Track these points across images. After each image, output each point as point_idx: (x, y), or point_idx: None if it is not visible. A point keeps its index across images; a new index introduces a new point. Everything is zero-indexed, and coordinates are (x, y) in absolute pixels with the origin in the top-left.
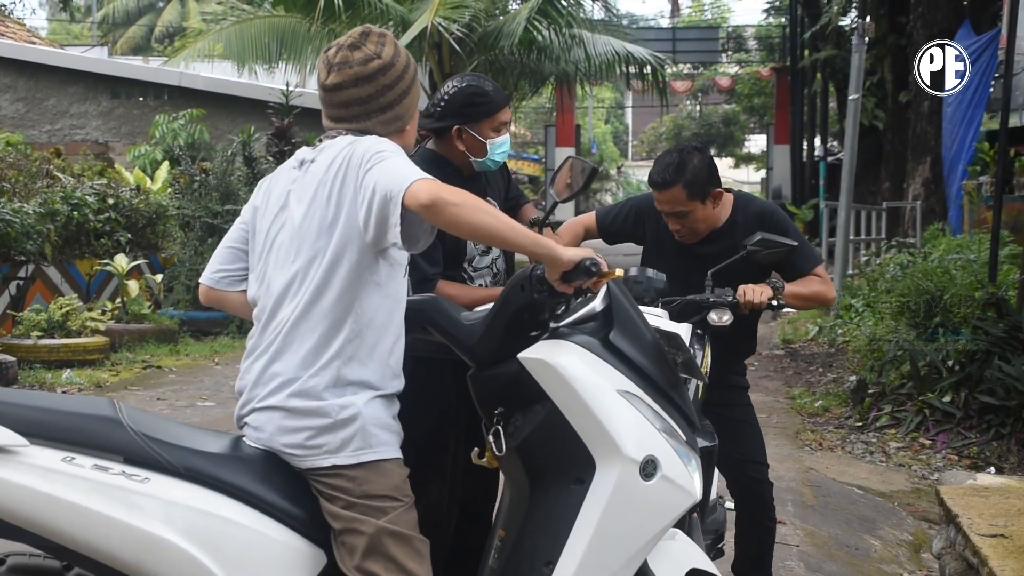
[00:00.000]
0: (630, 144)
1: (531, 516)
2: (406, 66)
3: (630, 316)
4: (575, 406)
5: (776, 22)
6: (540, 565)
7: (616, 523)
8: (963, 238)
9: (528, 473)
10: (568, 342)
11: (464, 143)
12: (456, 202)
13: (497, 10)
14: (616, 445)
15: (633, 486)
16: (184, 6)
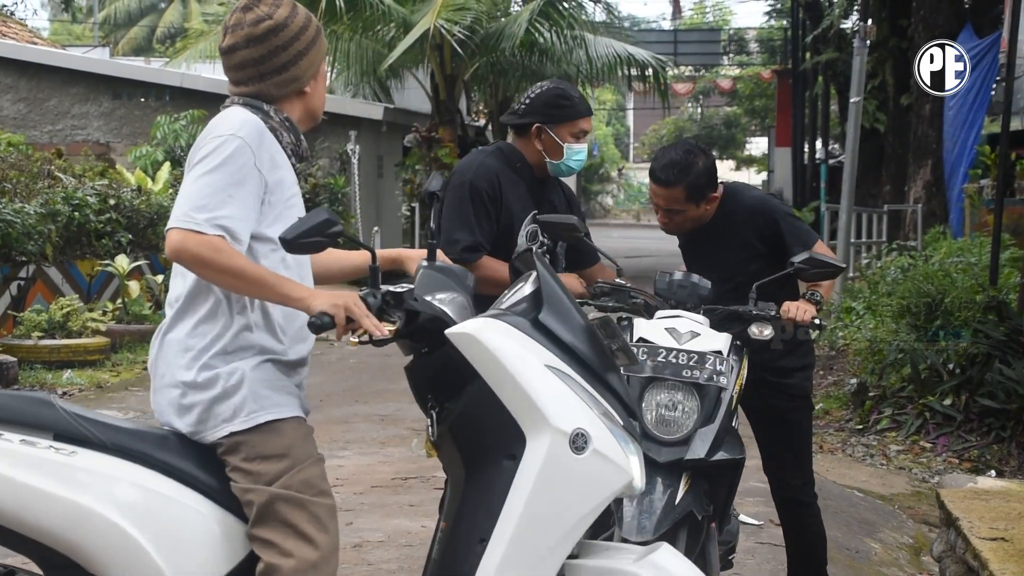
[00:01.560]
0: (631, 146)
1: (466, 497)
2: (303, 27)
3: (560, 298)
4: (502, 379)
5: (778, 25)
6: (474, 543)
7: (547, 498)
8: (964, 241)
9: (462, 455)
10: (496, 319)
11: (543, 143)
12: (203, 257)
13: (499, 12)
14: (544, 417)
15: (563, 459)
16: (186, 7)
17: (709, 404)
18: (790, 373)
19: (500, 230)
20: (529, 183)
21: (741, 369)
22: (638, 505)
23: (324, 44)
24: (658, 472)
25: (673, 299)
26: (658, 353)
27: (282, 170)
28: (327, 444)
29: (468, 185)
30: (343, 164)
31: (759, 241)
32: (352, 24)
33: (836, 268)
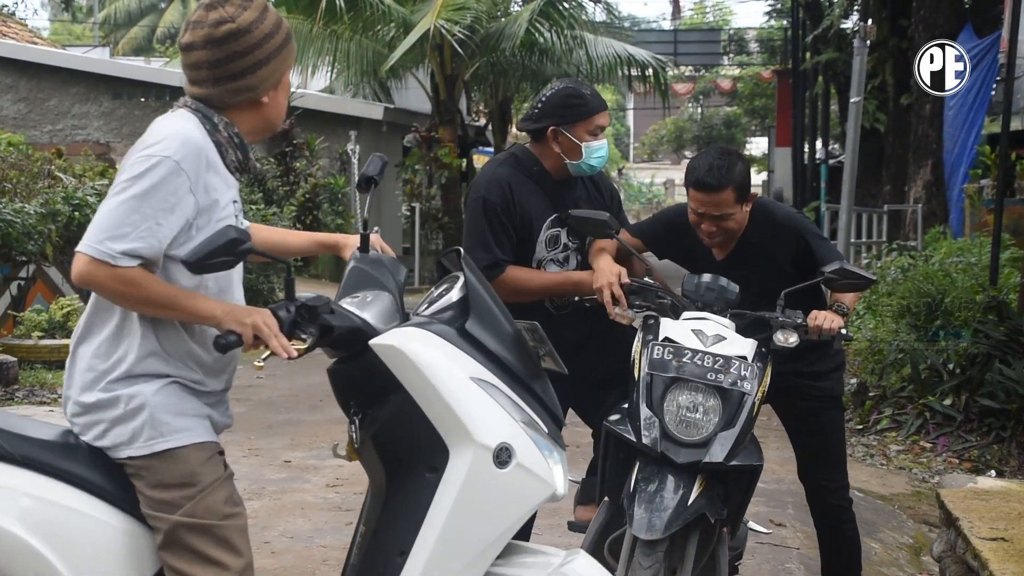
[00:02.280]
0: (631, 146)
1: (387, 507)
2: (268, 34)
3: (487, 306)
4: (426, 392)
5: (778, 25)
6: (394, 555)
7: (469, 511)
8: (964, 241)
9: (384, 463)
10: (421, 329)
11: (560, 145)
12: (111, 289)
13: (499, 12)
14: (467, 431)
15: (486, 473)
16: (186, 7)
17: (731, 408)
18: (823, 376)
19: (519, 238)
20: (547, 187)
21: (765, 376)
22: (649, 503)
23: (291, 54)
24: (673, 472)
25: (700, 301)
26: (683, 354)
27: (217, 192)
28: (327, 444)
29: (481, 201)
30: (343, 164)
31: (788, 259)
32: (352, 24)
33: (866, 280)
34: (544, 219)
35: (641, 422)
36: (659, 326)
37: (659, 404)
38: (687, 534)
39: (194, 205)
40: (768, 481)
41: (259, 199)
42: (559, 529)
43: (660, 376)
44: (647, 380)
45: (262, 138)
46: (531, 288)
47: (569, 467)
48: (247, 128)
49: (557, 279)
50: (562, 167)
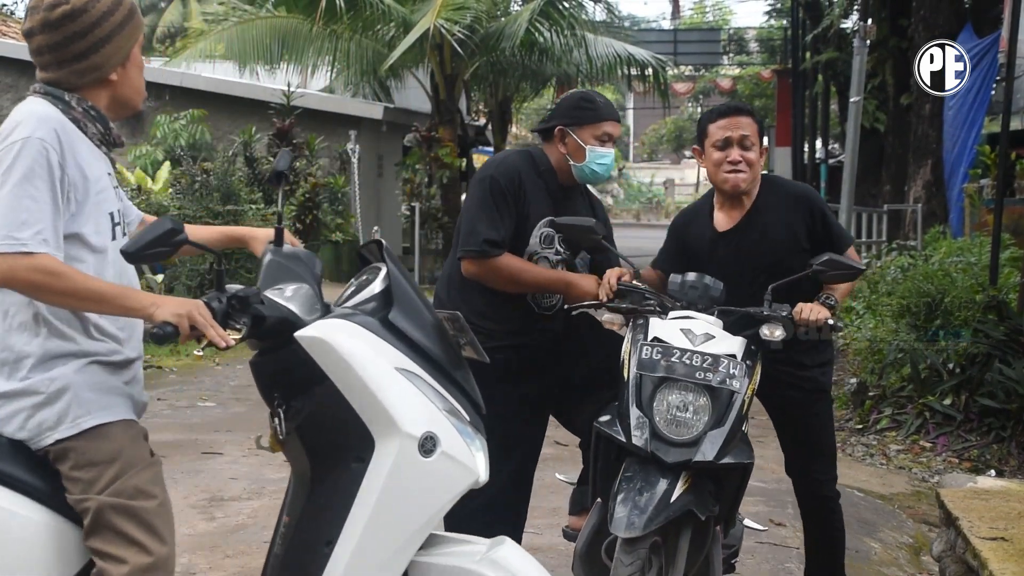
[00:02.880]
0: (631, 146)
1: (313, 498)
2: (106, 12)
3: (409, 297)
4: (351, 383)
5: (777, 24)
6: (320, 546)
7: (395, 500)
8: (964, 241)
9: (309, 454)
10: (346, 321)
11: (566, 146)
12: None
13: (499, 12)
14: (393, 421)
15: (412, 462)
16: (186, 6)
17: (720, 407)
18: (808, 368)
19: (516, 227)
20: (552, 188)
21: (754, 373)
22: (631, 502)
23: (137, 28)
24: (658, 470)
25: (684, 300)
26: (672, 354)
27: (90, 165)
28: None
29: (489, 180)
30: (343, 164)
31: (805, 232)
32: (352, 24)
33: (855, 270)
34: (541, 216)
35: (631, 422)
36: (648, 326)
37: (649, 404)
38: (678, 533)
39: (66, 180)
40: (768, 480)
41: (259, 199)
42: (558, 529)
43: (649, 376)
44: (636, 380)
45: (123, 116)
46: (524, 280)
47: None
48: (103, 107)
49: (551, 276)
50: (567, 172)
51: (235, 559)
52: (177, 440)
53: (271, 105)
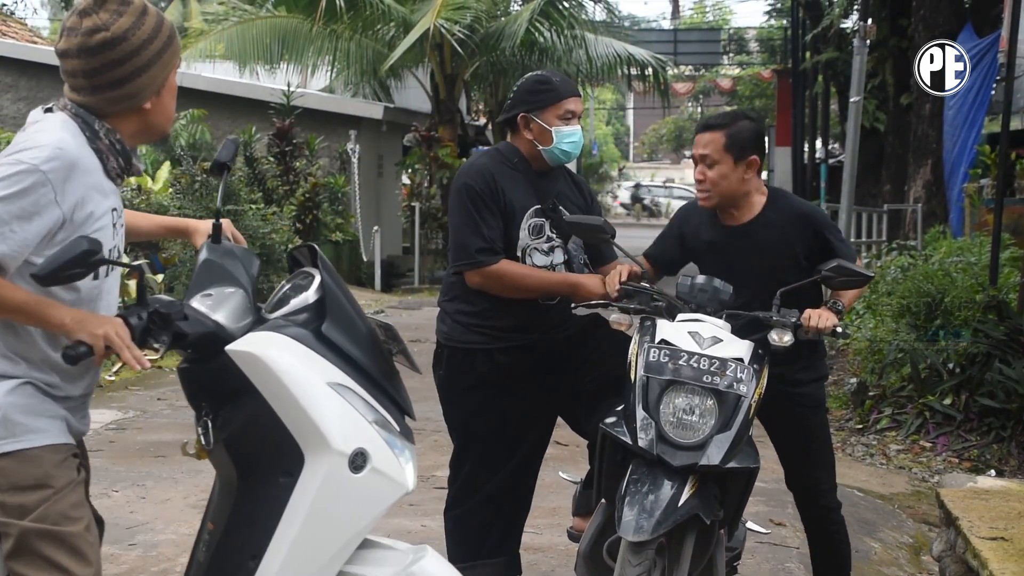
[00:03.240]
0: (631, 145)
1: (239, 509)
2: (147, 40)
3: (343, 307)
4: (283, 399)
5: (777, 24)
6: (246, 559)
7: (324, 516)
8: (964, 241)
9: (236, 466)
10: (278, 334)
11: (532, 132)
12: None
13: (499, 11)
14: (324, 438)
15: (342, 479)
16: (186, 6)
17: (727, 411)
18: (805, 383)
19: (504, 226)
20: (529, 177)
21: (761, 378)
22: (639, 505)
23: (175, 55)
24: (666, 474)
25: (694, 302)
26: (680, 357)
27: (92, 203)
28: None
29: (464, 188)
30: (343, 163)
31: (804, 250)
32: (352, 23)
33: (864, 277)
34: (527, 207)
35: (637, 424)
36: (655, 328)
37: (655, 406)
38: (683, 536)
39: (58, 217)
40: (768, 481)
41: (259, 199)
42: (559, 529)
43: (656, 378)
44: (643, 382)
45: (148, 141)
46: (528, 285)
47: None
48: (130, 132)
49: (554, 279)
50: (539, 158)
51: None
52: (177, 440)
53: (271, 105)
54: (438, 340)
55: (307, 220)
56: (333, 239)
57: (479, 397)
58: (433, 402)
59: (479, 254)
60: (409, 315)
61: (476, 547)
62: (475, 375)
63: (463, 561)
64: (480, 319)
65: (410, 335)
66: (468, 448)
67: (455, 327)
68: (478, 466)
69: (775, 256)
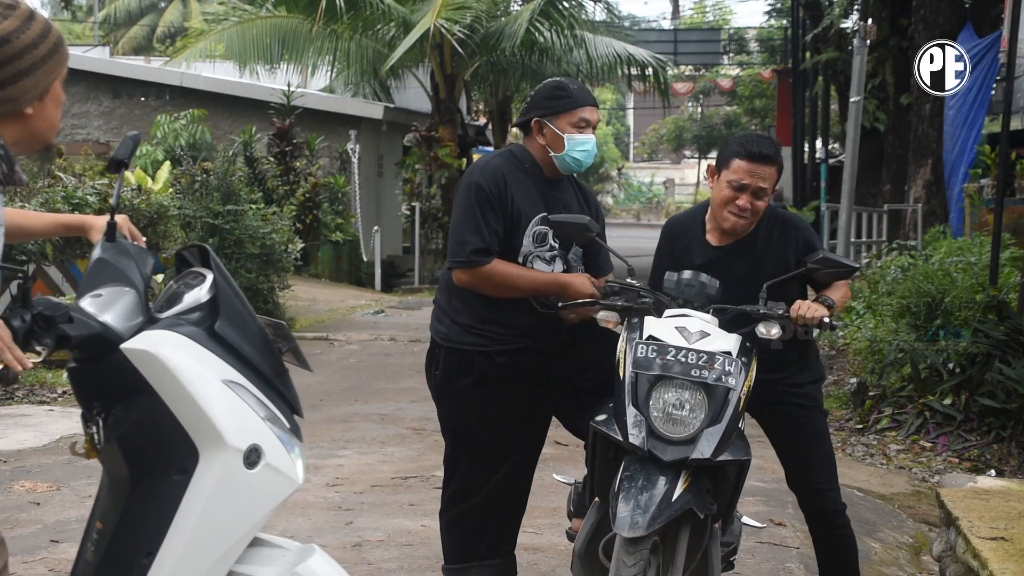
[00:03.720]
0: (631, 145)
1: (132, 507)
2: (31, 44)
3: (235, 306)
4: (179, 396)
5: (778, 24)
6: (140, 557)
7: (219, 512)
8: (964, 241)
9: (129, 464)
10: (173, 332)
11: (544, 137)
12: None
13: (499, 11)
14: (220, 434)
15: (236, 475)
16: (186, 6)
17: (716, 404)
18: (802, 385)
19: (507, 229)
20: (539, 184)
21: (750, 370)
22: (633, 501)
23: (61, 63)
24: (658, 469)
25: (681, 298)
26: (667, 352)
27: None
28: (327, 444)
29: (474, 186)
30: (343, 163)
31: (794, 256)
32: (352, 23)
33: (849, 268)
34: (533, 215)
35: (628, 421)
36: (643, 324)
37: (645, 402)
38: (677, 531)
39: None
40: (768, 480)
41: (259, 199)
42: (559, 529)
43: (645, 374)
44: (632, 379)
45: (31, 150)
46: (517, 285)
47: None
48: (12, 139)
49: (544, 279)
50: (551, 164)
51: None
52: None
53: (271, 105)
54: (433, 339)
55: (307, 220)
56: (333, 239)
57: (475, 398)
58: (433, 402)
59: (473, 254)
60: (409, 315)
61: (471, 548)
62: (473, 376)
63: (458, 562)
64: (479, 321)
65: (410, 335)
66: (463, 449)
67: (453, 328)
68: (473, 467)
69: (771, 268)
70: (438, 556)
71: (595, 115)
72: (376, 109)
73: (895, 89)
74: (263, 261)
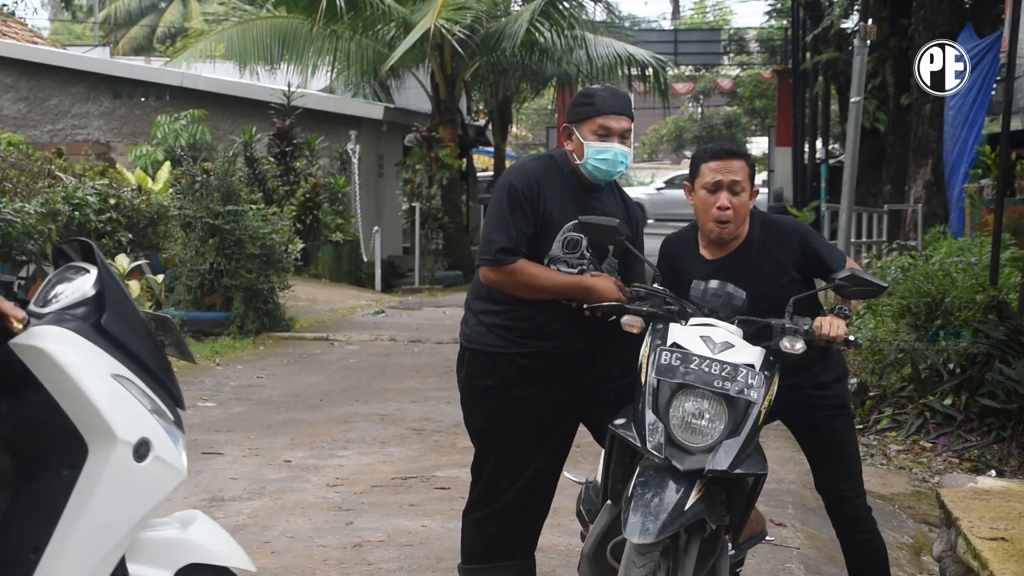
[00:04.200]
0: (631, 145)
1: (17, 503)
2: None
3: (121, 301)
4: (69, 392)
5: (778, 24)
6: (27, 553)
7: (109, 505)
8: (964, 241)
9: (15, 459)
10: (61, 328)
11: (572, 143)
12: None
13: (499, 12)
14: (110, 429)
15: (127, 468)
16: (186, 6)
17: (737, 417)
18: (829, 385)
19: (537, 233)
20: (575, 190)
21: (772, 385)
22: (645, 507)
23: None
24: (673, 477)
25: (707, 307)
26: (691, 360)
27: None
28: (327, 444)
29: (508, 186)
30: (343, 163)
31: (795, 265)
32: (352, 24)
33: (877, 287)
34: (565, 219)
35: (646, 427)
36: (667, 331)
37: (665, 410)
38: (688, 540)
39: None
40: (768, 481)
41: (259, 199)
42: (559, 529)
43: (667, 382)
44: (654, 385)
45: None
46: (542, 285)
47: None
48: None
49: (568, 281)
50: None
51: None
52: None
53: (271, 105)
54: (461, 342)
55: (307, 220)
56: (333, 239)
57: (498, 401)
58: (433, 403)
59: (499, 252)
60: (409, 315)
61: (492, 550)
62: (494, 378)
63: (477, 563)
64: (503, 320)
65: (410, 335)
66: (488, 451)
67: (477, 328)
68: (498, 471)
69: (769, 277)
70: (438, 556)
71: (620, 123)
72: (376, 109)
73: (895, 89)
74: (263, 261)
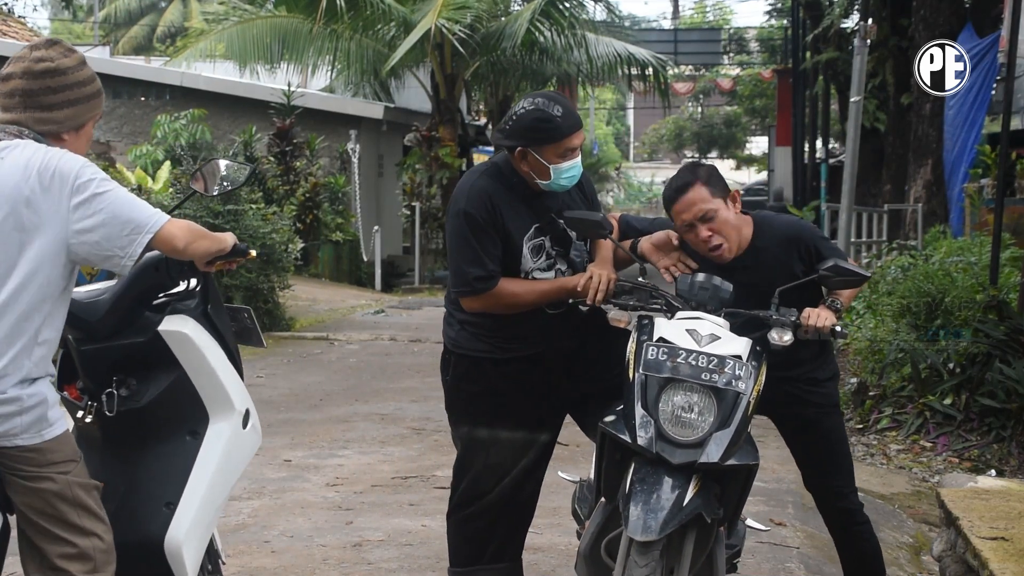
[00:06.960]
0: (632, 145)
1: (147, 466)
2: (81, 83)
3: (217, 294)
4: (202, 370)
5: (778, 24)
6: (160, 507)
7: (226, 466)
8: (964, 240)
9: (144, 429)
10: (190, 317)
11: (528, 165)
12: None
13: (499, 11)
14: (230, 401)
15: (238, 434)
16: (186, 6)
17: (726, 408)
18: (820, 383)
19: (503, 250)
20: (527, 197)
21: (760, 375)
22: (644, 504)
23: (98, 107)
24: (669, 473)
25: (694, 300)
26: (678, 354)
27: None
28: (327, 444)
29: (464, 215)
30: (343, 163)
31: (799, 267)
32: (352, 23)
33: (860, 277)
34: (526, 230)
35: (636, 423)
36: (653, 326)
37: (654, 405)
38: (684, 534)
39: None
40: (768, 480)
41: (259, 198)
42: (559, 529)
43: (655, 376)
44: (642, 380)
45: None
46: (526, 299)
47: (567, 467)
48: None
49: (550, 287)
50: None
51: (235, 559)
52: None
53: (271, 105)
54: (445, 345)
55: (307, 220)
56: (333, 239)
57: (485, 404)
58: (433, 402)
59: (476, 282)
60: (409, 315)
61: (478, 552)
62: (482, 383)
63: (464, 565)
64: (487, 329)
65: (410, 335)
66: (473, 453)
67: (462, 333)
68: (482, 472)
69: (775, 281)
70: (438, 556)
71: (581, 138)
72: (376, 109)
73: (895, 89)
74: (263, 261)
